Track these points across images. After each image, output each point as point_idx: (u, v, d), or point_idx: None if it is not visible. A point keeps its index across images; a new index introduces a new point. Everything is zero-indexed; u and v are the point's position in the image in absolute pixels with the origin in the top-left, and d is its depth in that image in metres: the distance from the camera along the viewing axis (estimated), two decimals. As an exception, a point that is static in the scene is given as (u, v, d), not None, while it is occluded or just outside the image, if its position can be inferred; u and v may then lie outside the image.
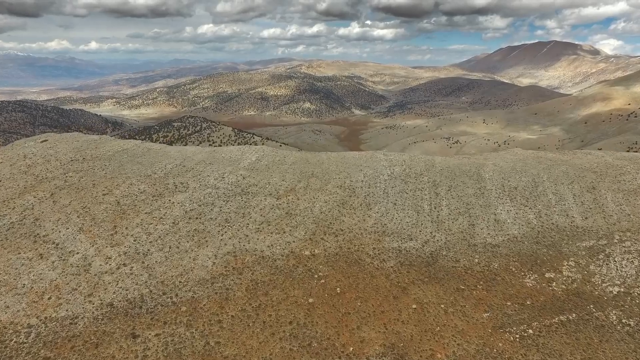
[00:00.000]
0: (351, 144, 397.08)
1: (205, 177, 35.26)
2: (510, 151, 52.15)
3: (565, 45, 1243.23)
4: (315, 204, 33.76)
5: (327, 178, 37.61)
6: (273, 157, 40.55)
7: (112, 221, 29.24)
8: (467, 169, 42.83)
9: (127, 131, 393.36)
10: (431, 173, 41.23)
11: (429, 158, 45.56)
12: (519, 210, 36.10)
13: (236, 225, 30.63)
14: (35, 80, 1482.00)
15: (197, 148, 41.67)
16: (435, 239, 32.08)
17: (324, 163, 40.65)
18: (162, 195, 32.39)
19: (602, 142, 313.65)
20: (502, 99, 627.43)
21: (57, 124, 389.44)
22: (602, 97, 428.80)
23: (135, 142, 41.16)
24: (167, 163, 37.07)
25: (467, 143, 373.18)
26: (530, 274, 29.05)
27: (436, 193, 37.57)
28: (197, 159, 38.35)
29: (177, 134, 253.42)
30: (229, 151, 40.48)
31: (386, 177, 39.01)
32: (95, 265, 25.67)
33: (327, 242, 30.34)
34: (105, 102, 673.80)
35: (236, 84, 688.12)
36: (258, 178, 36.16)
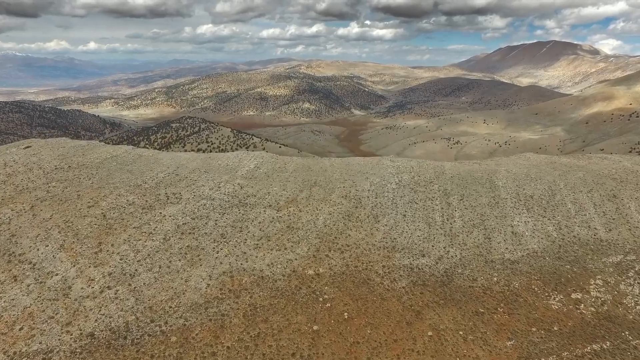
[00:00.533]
0: (351, 145, 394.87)
1: (199, 187, 32.69)
2: (522, 156, 49.63)
3: (565, 45, 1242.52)
4: (318, 216, 31.20)
5: (331, 187, 35.05)
6: (273, 164, 37.99)
7: (96, 237, 26.66)
8: (479, 176, 40.31)
9: (126, 132, 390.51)
10: (441, 181, 38.68)
11: (438, 164, 43.03)
12: (537, 222, 33.57)
13: (233, 240, 28.07)
14: (34, 81, 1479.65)
15: (191, 154, 39.12)
16: (450, 254, 29.53)
17: (327, 170, 38.09)
18: (153, 208, 29.82)
19: (604, 143, 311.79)
20: (502, 99, 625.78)
21: (54, 124, 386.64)
22: (603, 97, 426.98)
23: (125, 148, 38.57)
24: (159, 171, 34.48)
25: (467, 143, 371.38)
26: (554, 294, 26.51)
27: (448, 203, 35.03)
28: (191, 167, 35.76)
29: (176, 135, 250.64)
30: (225, 158, 37.90)
31: (394, 185, 36.46)
32: (76, 289, 23.08)
33: (333, 259, 27.78)
34: (103, 103, 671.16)
35: (235, 84, 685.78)
36: (257, 188, 33.59)
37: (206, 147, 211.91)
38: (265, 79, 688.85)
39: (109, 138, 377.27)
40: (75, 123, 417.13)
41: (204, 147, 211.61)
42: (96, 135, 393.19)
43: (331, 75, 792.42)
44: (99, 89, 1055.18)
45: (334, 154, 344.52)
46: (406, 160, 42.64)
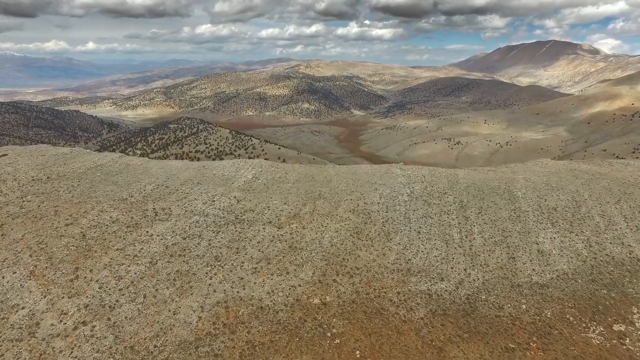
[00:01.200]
0: (351, 145, 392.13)
1: (191, 201, 29.47)
2: (539, 162, 46.51)
3: (564, 44, 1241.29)
4: (324, 234, 28.02)
5: (337, 200, 31.87)
6: (273, 173, 34.79)
7: (73, 261, 23.45)
8: (495, 186, 37.16)
9: (123, 132, 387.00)
10: (456, 191, 35.53)
11: (451, 172, 39.87)
12: (564, 238, 30.43)
13: (228, 264, 24.88)
14: (33, 81, 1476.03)
15: (183, 163, 35.89)
16: (471, 277, 26.38)
17: (332, 180, 34.90)
18: (139, 226, 26.60)
19: (607, 143, 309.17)
20: (502, 98, 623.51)
21: (51, 125, 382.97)
22: (605, 96, 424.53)
23: (112, 157, 35.34)
24: (147, 183, 31.27)
25: (468, 144, 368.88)
26: (593, 325, 23.37)
27: (465, 217, 31.86)
28: (183, 178, 32.55)
29: (174, 136, 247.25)
30: (220, 167, 34.70)
31: (405, 197, 33.29)
32: (44, 326, 19.88)
33: (341, 285, 24.61)
34: (102, 103, 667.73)
35: (234, 84, 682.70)
36: (255, 201, 30.39)
37: (204, 149, 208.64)
38: (264, 79, 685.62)
39: (107, 139, 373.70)
40: (72, 124, 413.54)
41: (202, 149, 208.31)
42: (94, 136, 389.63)
43: (330, 75, 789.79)
44: (97, 89, 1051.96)
45: (333, 154, 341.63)
46: (417, 168, 39.47)
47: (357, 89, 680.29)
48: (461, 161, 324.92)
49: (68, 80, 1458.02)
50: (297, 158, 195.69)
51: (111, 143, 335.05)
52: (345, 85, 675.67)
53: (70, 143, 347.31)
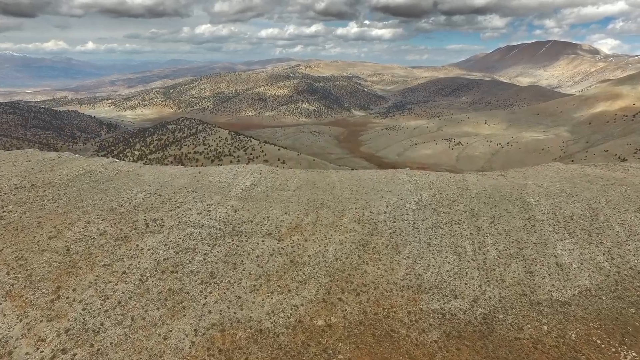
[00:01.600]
0: (351, 146, 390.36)
1: (186, 211, 27.51)
2: (551, 167, 44.59)
3: (564, 44, 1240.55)
4: (328, 247, 26.07)
5: (341, 209, 29.91)
6: (272, 180, 32.84)
7: (55, 279, 21.50)
8: (507, 192, 35.24)
9: (122, 133, 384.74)
10: (466, 198, 33.60)
11: (459, 178, 37.94)
12: (584, 250, 28.51)
13: (225, 281, 22.92)
14: (32, 81, 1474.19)
15: (178, 169, 33.90)
16: (487, 294, 24.44)
17: (335, 187, 32.95)
18: (129, 239, 24.64)
19: (608, 144, 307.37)
20: (502, 99, 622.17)
21: (49, 126, 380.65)
22: (606, 96, 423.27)
23: (102, 162, 33.36)
24: (138, 191, 29.30)
25: (469, 144, 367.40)
26: (624, 349, 21.43)
27: (477, 227, 29.92)
28: (177, 185, 30.59)
29: (172, 136, 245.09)
30: (217, 173, 32.73)
31: (414, 205, 31.34)
32: (18, 355, 17.92)
33: (347, 304, 22.66)
34: (100, 103, 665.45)
35: (234, 85, 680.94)
36: (254, 211, 28.42)
37: (203, 150, 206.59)
38: (264, 79, 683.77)
39: (105, 139, 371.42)
40: (71, 124, 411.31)
41: (200, 150, 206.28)
42: (92, 137, 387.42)
43: (330, 75, 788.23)
44: (96, 89, 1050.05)
45: (333, 155, 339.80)
46: (424, 173, 37.52)
47: (357, 89, 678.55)
48: (462, 162, 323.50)
49: (67, 81, 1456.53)
50: (297, 159, 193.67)
51: (110, 144, 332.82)
52: (345, 86, 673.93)
53: (68, 144, 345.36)
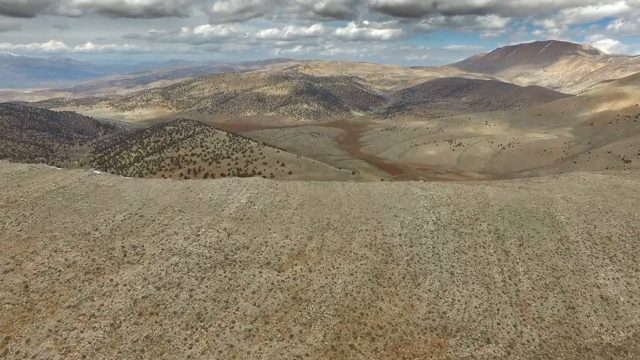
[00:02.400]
0: (350, 147, 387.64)
1: (171, 236, 23.73)
2: (575, 177, 40.92)
3: (564, 44, 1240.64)
4: (336, 279, 22.34)
5: (350, 230, 26.19)
6: (272, 196, 29.10)
7: (5, 327, 17.73)
8: (533, 208, 31.56)
9: (119, 134, 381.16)
10: (489, 216, 29.92)
11: (479, 190, 34.25)
12: (630, 279, 24.80)
13: (214, 325, 19.17)
14: (30, 82, 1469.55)
15: (164, 184, 30.08)
16: (524, 337, 20.72)
17: (342, 204, 29.22)
18: (101, 271, 20.89)
19: (611, 145, 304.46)
20: (503, 99, 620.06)
21: (46, 127, 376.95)
22: (608, 97, 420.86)
23: (79, 176, 29.55)
24: (117, 211, 25.54)
25: (470, 145, 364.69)
26: (695, 411, 17.75)
27: (505, 251, 26.22)
28: (162, 204, 26.83)
29: (169, 138, 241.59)
30: (209, 189, 28.97)
31: (432, 226, 27.64)
32: None
33: (361, 352, 18.93)
34: (98, 104, 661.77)
35: (233, 85, 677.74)
36: (250, 234, 24.67)
37: (200, 152, 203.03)
38: (263, 80, 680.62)
39: (102, 140, 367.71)
40: (67, 125, 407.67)
41: (198, 152, 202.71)
42: (89, 138, 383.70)
43: (329, 75, 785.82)
44: (95, 89, 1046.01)
45: (333, 156, 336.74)
46: (440, 186, 33.82)
47: (356, 89, 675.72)
48: (463, 163, 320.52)
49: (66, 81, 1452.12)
50: (296, 162, 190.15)
51: (106, 145, 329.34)
52: (345, 86, 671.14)
53: (64, 145, 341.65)
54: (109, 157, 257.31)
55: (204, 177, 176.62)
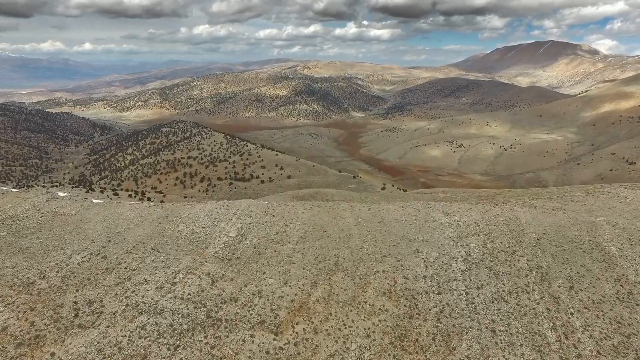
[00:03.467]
0: (350, 148, 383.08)
1: (139, 286, 18.74)
2: (614, 195, 35.96)
3: (563, 45, 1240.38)
4: (349, 344, 17.38)
5: (364, 272, 21.23)
6: (267, 226, 24.12)
7: None
8: (575, 236, 26.66)
9: (115, 136, 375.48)
10: (527, 248, 25.00)
11: (509, 215, 29.30)
12: None
13: (187, 421, 14.19)
14: (28, 82, 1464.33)
15: (139, 212, 25.01)
16: None
17: (352, 235, 24.26)
18: (41, 341, 15.89)
19: (615, 146, 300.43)
20: (503, 99, 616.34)
21: (41, 128, 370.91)
22: (610, 97, 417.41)
23: (35, 201, 24.51)
24: (75, 250, 20.57)
25: (471, 147, 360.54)
26: None
27: (554, 297, 21.27)
28: (133, 239, 21.85)
29: (166, 140, 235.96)
30: (191, 218, 23.98)
31: (462, 263, 22.69)
32: None
33: None
34: (96, 104, 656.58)
35: (231, 85, 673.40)
36: (240, 281, 19.69)
37: (197, 155, 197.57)
38: (261, 80, 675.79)
39: (98, 142, 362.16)
40: (63, 126, 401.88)
41: (194, 155, 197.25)
42: (85, 139, 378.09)
43: (328, 75, 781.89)
44: (93, 90, 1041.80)
45: (332, 158, 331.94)
46: (465, 209, 28.87)
47: (356, 90, 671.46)
48: (464, 164, 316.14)
49: (64, 81, 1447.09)
50: (295, 165, 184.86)
51: (102, 147, 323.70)
52: (344, 86, 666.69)
53: (59, 146, 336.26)
54: (104, 159, 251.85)
55: (200, 180, 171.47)
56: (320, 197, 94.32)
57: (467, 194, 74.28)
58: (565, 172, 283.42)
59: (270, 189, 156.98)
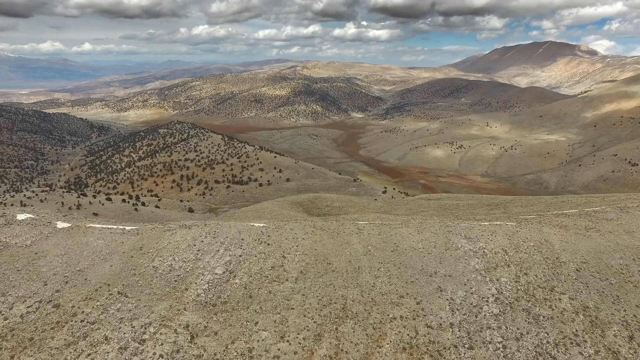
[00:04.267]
0: (349, 149, 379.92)
1: (97, 346, 14.85)
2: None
3: (561, 45, 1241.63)
4: None
5: (378, 320, 17.40)
6: (261, 258, 20.28)
7: None
8: (621, 266, 22.93)
9: (113, 137, 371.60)
10: (565, 282, 21.21)
11: (538, 237, 25.52)
12: None
13: None
14: (27, 82, 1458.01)
15: (110, 239, 21.00)
16: None
17: (361, 268, 20.43)
18: None
19: (617, 147, 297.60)
20: (502, 100, 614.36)
21: (37, 129, 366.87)
22: (611, 98, 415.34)
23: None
24: (20, 296, 16.67)
25: (472, 148, 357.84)
26: None
27: (613, 351, 17.47)
28: (96, 278, 17.98)
29: (163, 142, 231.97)
30: (171, 250, 20.06)
31: (494, 305, 18.87)
32: None
33: None
34: (94, 105, 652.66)
35: (230, 86, 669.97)
36: (225, 335, 15.82)
37: (194, 157, 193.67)
38: (260, 81, 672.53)
39: (95, 143, 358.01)
40: (60, 127, 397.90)
41: (192, 157, 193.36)
42: (82, 140, 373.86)
43: (327, 76, 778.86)
44: (92, 90, 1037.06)
45: (332, 159, 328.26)
46: (489, 232, 25.04)
47: (355, 90, 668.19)
48: (464, 166, 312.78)
49: (63, 82, 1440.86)
50: (294, 168, 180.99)
51: (99, 148, 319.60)
52: (343, 87, 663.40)
53: (56, 148, 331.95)
54: (101, 161, 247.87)
55: (197, 183, 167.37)
56: (320, 202, 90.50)
57: (475, 201, 70.43)
58: (567, 174, 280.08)
59: (269, 192, 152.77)
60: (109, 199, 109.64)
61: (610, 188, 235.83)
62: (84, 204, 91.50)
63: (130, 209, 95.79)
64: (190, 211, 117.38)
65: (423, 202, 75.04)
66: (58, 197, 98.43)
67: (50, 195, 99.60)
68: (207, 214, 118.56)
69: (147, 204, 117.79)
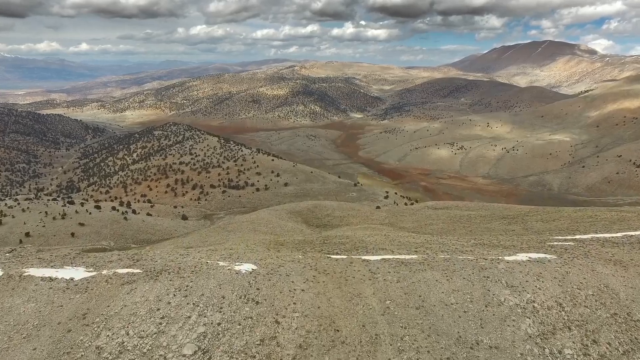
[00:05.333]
0: (348, 150, 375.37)
1: None
2: None
3: (560, 44, 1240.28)
4: None
5: None
6: (246, 330, 15.12)
7: None
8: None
9: (107, 139, 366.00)
10: None
11: (595, 282, 20.52)
12: None
13: None
14: (24, 83, 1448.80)
15: (44, 300, 15.67)
16: None
17: (380, 337, 15.35)
18: None
19: (621, 148, 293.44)
20: (503, 100, 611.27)
21: (31, 130, 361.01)
22: (613, 98, 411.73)
23: None
24: None
25: (472, 149, 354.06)
26: None
27: None
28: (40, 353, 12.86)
29: (157, 144, 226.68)
30: (125, 317, 14.77)
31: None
32: None
33: None
34: (89, 106, 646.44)
35: (228, 86, 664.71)
36: None
37: (189, 160, 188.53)
38: (258, 81, 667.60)
39: (90, 145, 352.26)
40: (54, 129, 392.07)
41: (186, 160, 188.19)
42: (76, 142, 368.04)
43: (326, 76, 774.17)
44: (89, 90, 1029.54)
45: (331, 161, 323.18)
46: (535, 276, 20.01)
47: (353, 90, 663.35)
48: (465, 167, 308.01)
49: (60, 82, 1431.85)
50: (292, 171, 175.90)
51: (94, 150, 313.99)
52: (341, 87, 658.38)
53: (50, 150, 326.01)
54: (94, 164, 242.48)
55: (192, 188, 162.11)
56: (320, 212, 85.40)
57: (487, 212, 65.41)
58: (570, 175, 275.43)
59: (266, 197, 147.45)
60: (97, 207, 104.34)
61: (615, 190, 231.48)
62: (69, 214, 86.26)
63: (119, 218, 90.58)
64: (184, 219, 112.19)
65: (430, 212, 70.06)
66: (42, 206, 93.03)
67: (34, 205, 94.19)
68: (202, 221, 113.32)
69: (139, 212, 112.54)
